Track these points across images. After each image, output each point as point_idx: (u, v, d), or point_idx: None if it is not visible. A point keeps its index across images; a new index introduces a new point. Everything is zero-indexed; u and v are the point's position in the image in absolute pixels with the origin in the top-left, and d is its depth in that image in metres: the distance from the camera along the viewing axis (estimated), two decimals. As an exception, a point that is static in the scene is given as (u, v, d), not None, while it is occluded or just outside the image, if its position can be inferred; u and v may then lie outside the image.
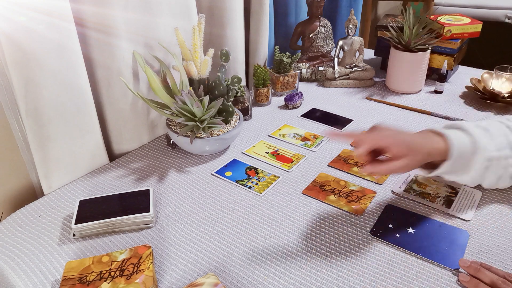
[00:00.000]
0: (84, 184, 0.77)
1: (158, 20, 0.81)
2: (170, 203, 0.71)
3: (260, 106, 1.06)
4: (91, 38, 0.73)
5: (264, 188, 0.74)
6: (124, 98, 0.81)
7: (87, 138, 0.77)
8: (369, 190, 0.73)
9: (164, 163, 0.83)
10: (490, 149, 0.62)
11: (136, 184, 0.77)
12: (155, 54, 0.83)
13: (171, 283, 0.56)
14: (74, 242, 0.63)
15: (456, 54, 1.13)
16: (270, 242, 0.62)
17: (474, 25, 1.12)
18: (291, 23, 1.25)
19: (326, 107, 1.05)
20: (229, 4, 0.97)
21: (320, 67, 1.20)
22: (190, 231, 0.65)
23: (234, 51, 1.04)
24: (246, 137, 0.92)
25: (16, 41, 0.61)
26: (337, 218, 0.67)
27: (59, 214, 0.69)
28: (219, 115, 0.83)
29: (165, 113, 0.80)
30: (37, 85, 0.66)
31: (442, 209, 0.68)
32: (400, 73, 1.10)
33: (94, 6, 0.71)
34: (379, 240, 0.62)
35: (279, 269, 0.58)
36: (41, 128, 0.69)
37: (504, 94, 1.00)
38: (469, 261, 0.56)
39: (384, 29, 1.17)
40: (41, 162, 0.71)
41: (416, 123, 0.96)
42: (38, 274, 0.57)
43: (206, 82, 0.83)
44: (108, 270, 0.55)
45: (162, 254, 0.61)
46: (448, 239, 0.62)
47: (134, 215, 0.64)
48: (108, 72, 0.77)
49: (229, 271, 0.58)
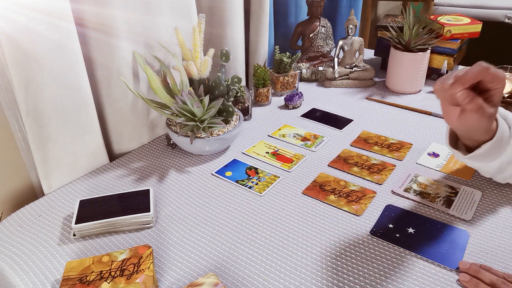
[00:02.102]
0: (84, 184, 0.77)
1: (158, 20, 0.81)
2: (170, 203, 0.71)
3: (260, 106, 1.06)
4: (91, 38, 0.73)
5: (264, 188, 0.74)
6: (124, 98, 0.81)
7: (87, 138, 0.77)
8: (369, 190, 0.73)
9: (164, 163, 0.83)
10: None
11: (136, 184, 0.77)
12: (155, 54, 0.83)
13: (171, 283, 0.56)
14: (74, 242, 0.63)
15: (456, 54, 1.13)
16: (270, 242, 0.62)
17: (474, 25, 1.12)
18: (291, 23, 1.25)
19: (326, 107, 1.05)
20: (229, 4, 0.97)
21: (320, 67, 1.20)
22: (190, 231, 0.65)
23: (234, 51, 1.04)
24: (246, 137, 0.92)
25: (16, 41, 0.61)
26: (337, 218, 0.67)
27: (59, 214, 0.69)
28: (219, 115, 0.83)
29: (165, 113, 0.80)
30: (37, 85, 0.66)
31: (442, 209, 0.68)
32: (400, 73, 1.10)
33: (94, 6, 0.71)
34: (379, 240, 0.62)
35: (279, 269, 0.58)
36: (41, 128, 0.69)
37: (504, 94, 1.00)
38: (468, 263, 0.56)
39: (384, 29, 1.17)
40: (41, 162, 0.71)
41: (416, 123, 0.96)
42: (38, 274, 0.57)
43: (206, 82, 0.83)
44: (108, 270, 0.55)
45: (162, 254, 0.61)
46: (448, 239, 0.62)
47: (134, 215, 0.64)
48: (108, 72, 0.77)
49: (229, 271, 0.58)
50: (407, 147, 0.86)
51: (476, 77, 0.49)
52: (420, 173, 0.78)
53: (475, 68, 0.49)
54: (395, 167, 0.80)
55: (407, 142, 0.88)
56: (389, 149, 0.86)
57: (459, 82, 0.48)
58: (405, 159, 0.82)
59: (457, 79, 0.49)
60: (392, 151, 0.85)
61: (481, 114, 0.51)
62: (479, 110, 0.50)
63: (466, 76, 0.48)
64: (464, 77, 0.48)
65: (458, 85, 0.49)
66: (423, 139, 0.89)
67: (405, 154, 0.84)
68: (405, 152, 0.85)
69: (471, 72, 0.49)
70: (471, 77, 0.49)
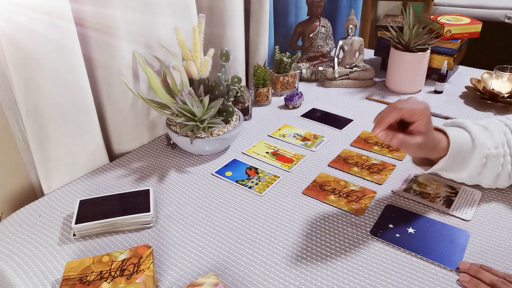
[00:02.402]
0: (84, 184, 0.77)
1: (158, 20, 0.81)
2: (170, 203, 0.71)
3: (260, 106, 1.06)
4: (91, 38, 0.73)
5: (264, 188, 0.74)
6: (124, 98, 0.81)
7: (87, 138, 0.77)
8: (369, 190, 0.73)
9: (164, 163, 0.83)
10: (488, 146, 0.62)
11: (136, 184, 0.77)
12: (155, 54, 0.83)
13: (171, 283, 0.56)
14: (74, 242, 0.63)
15: (456, 54, 1.13)
16: (270, 242, 0.62)
17: (474, 25, 1.12)
18: (291, 23, 1.25)
19: (326, 107, 1.05)
20: (229, 4, 0.97)
21: (320, 67, 1.20)
22: (190, 231, 0.65)
23: (234, 51, 1.04)
24: (246, 137, 0.92)
25: (16, 41, 0.61)
26: (337, 218, 0.67)
27: (59, 214, 0.69)
28: (219, 115, 0.83)
29: (165, 113, 0.80)
30: (37, 85, 0.66)
31: (442, 209, 0.68)
32: (400, 73, 1.10)
33: (94, 6, 0.71)
34: (379, 240, 0.62)
35: (279, 269, 0.58)
36: (41, 128, 0.69)
37: (504, 94, 1.00)
38: (468, 263, 0.56)
39: (384, 29, 1.17)
40: (41, 162, 0.71)
41: (416, 123, 0.96)
42: (38, 274, 0.57)
43: (206, 82, 0.83)
44: (108, 270, 0.55)
45: (162, 254, 0.61)
46: (448, 239, 0.62)
47: (134, 215, 0.64)
48: (108, 72, 0.77)
49: (229, 271, 0.58)
50: (407, 147, 0.86)
51: (391, 119, 0.54)
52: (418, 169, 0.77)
53: (389, 111, 0.55)
54: (395, 167, 0.80)
55: (407, 142, 0.88)
56: (389, 149, 0.86)
57: (377, 125, 0.55)
58: (405, 159, 0.82)
59: (376, 123, 0.55)
60: (392, 151, 0.85)
61: (406, 147, 0.56)
62: (403, 144, 0.56)
63: (382, 119, 0.54)
64: (381, 120, 0.54)
65: (377, 128, 0.55)
66: (423, 139, 0.89)
67: (405, 154, 0.84)
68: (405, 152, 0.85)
69: (386, 116, 0.54)
70: (388, 120, 0.54)
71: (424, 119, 0.55)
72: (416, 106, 0.55)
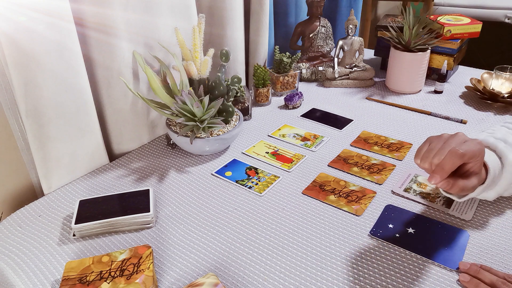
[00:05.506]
0: (84, 184, 0.77)
1: (158, 20, 0.81)
2: (170, 203, 0.71)
3: (260, 106, 1.06)
4: (91, 38, 0.73)
5: (264, 188, 0.74)
6: (124, 98, 0.81)
7: (87, 138, 0.77)
8: (369, 190, 0.73)
9: (164, 163, 0.83)
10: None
11: (136, 184, 0.77)
12: (155, 54, 0.83)
13: (171, 283, 0.56)
14: (74, 242, 0.63)
15: (456, 54, 1.13)
16: (270, 242, 0.62)
17: (474, 25, 1.12)
18: (291, 23, 1.25)
19: (326, 107, 1.05)
20: (229, 4, 0.97)
21: (320, 67, 1.20)
22: (190, 231, 0.65)
23: (234, 51, 1.04)
24: (246, 137, 0.92)
25: (16, 41, 0.61)
26: (337, 218, 0.67)
27: (59, 214, 0.69)
28: (219, 115, 0.83)
29: (165, 113, 0.80)
30: (37, 85, 0.66)
31: (442, 209, 0.68)
32: (400, 73, 1.10)
33: (94, 6, 0.71)
34: (379, 240, 0.62)
35: (279, 269, 0.58)
36: (41, 128, 0.69)
37: (503, 94, 1.00)
38: (469, 263, 0.56)
39: (384, 29, 1.17)
40: (41, 162, 0.71)
41: (416, 123, 0.96)
42: (38, 274, 0.57)
43: (206, 82, 0.83)
44: (108, 270, 0.55)
45: (162, 254, 0.61)
46: (448, 239, 0.62)
47: (134, 215, 0.64)
48: (108, 72, 0.77)
49: (229, 271, 0.58)
50: (407, 147, 0.86)
51: (453, 167, 0.51)
52: (420, 173, 0.78)
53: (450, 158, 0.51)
54: (395, 167, 0.80)
55: (407, 142, 0.88)
56: (389, 149, 0.86)
57: (438, 174, 0.51)
58: (405, 159, 0.82)
59: (436, 172, 0.51)
60: (392, 151, 0.85)
61: (465, 191, 0.54)
62: (462, 190, 0.53)
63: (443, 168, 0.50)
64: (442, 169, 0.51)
65: (436, 177, 0.51)
66: (423, 139, 0.89)
67: (405, 154, 0.84)
68: (405, 152, 0.85)
69: (447, 164, 0.51)
70: (450, 169, 0.51)
71: (480, 160, 0.53)
72: (475, 148, 0.51)
